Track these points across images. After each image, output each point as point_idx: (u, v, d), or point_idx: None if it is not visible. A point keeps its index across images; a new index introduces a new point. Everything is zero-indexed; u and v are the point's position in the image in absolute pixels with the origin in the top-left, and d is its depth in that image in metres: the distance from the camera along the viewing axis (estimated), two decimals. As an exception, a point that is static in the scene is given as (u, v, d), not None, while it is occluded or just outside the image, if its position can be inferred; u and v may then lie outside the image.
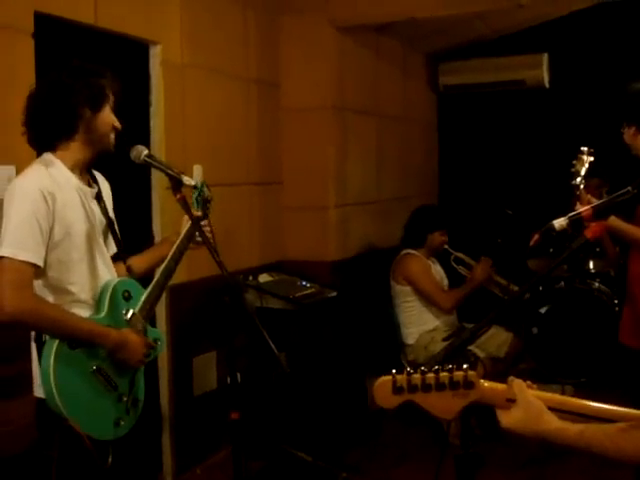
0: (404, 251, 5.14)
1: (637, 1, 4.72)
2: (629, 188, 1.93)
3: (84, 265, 2.54)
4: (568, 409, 1.65)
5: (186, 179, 2.59)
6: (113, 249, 2.78)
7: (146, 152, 2.64)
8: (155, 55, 4.16)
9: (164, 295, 4.12)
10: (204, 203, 2.98)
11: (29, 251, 2.35)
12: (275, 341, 4.69)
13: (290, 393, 4.50)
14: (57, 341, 2.38)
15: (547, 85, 6.40)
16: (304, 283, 4.79)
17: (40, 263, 2.39)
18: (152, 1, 4.10)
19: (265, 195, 5.11)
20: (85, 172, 2.65)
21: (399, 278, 5.08)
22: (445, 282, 5.23)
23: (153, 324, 4.14)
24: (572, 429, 1.59)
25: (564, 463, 4.28)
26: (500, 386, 1.67)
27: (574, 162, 3.26)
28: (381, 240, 5.81)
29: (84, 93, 2.51)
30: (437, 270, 5.20)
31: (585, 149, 3.25)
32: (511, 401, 1.65)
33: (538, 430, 1.61)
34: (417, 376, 1.62)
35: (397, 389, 1.62)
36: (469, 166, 6.92)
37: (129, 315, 2.61)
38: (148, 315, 2.70)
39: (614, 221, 3.22)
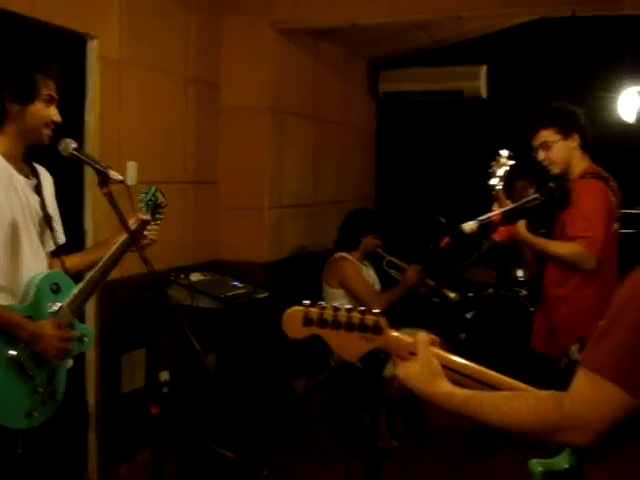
0: (337, 254, 5.18)
1: (573, 18, 4.86)
2: (537, 195, 2.00)
3: (6, 252, 2.53)
4: (466, 373, 1.69)
5: (113, 174, 2.59)
6: (51, 245, 2.77)
7: (74, 145, 2.64)
8: (92, 49, 4.12)
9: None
10: (155, 207, 2.99)
11: None
12: (206, 340, 4.73)
13: (218, 392, 4.52)
14: None
15: (484, 96, 6.53)
16: (236, 283, 4.80)
17: None
18: (91, -5, 4.08)
19: (200, 194, 5.11)
20: (23, 163, 2.65)
21: (331, 281, 5.12)
22: (377, 286, 5.29)
23: (82, 320, 4.14)
24: (460, 395, 1.64)
25: (487, 464, 4.38)
26: (406, 338, 1.70)
27: (492, 164, 3.34)
28: (316, 243, 5.86)
29: (12, 86, 2.51)
30: (369, 274, 5.26)
31: (504, 152, 3.31)
32: (413, 354, 1.69)
33: (428, 391, 1.66)
34: (329, 311, 1.65)
35: (307, 320, 1.64)
36: (406, 172, 7.02)
37: (55, 308, 2.60)
38: (77, 311, 2.70)
39: (523, 232, 3.30)
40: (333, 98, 6.31)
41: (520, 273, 5.68)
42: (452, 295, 5.01)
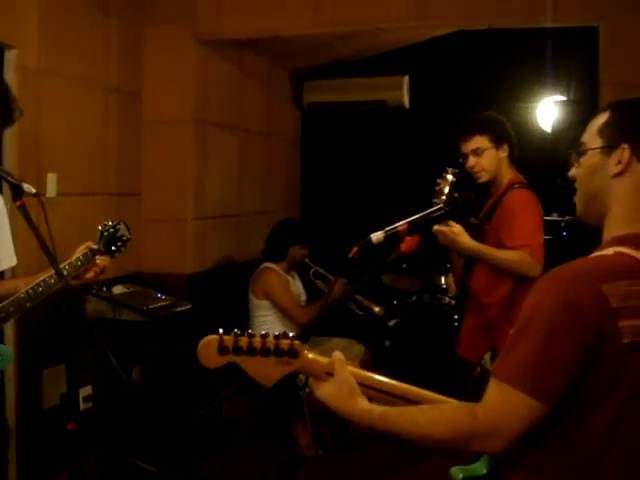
0: (263, 265, 5.19)
1: (495, 30, 4.99)
2: (442, 205, 2.05)
3: None
4: (384, 389, 1.71)
5: (26, 186, 2.54)
6: None
7: None
8: (10, 59, 4.05)
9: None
10: (112, 240, 2.92)
11: None
12: (130, 353, 4.69)
13: (142, 405, 4.48)
14: None
15: (407, 106, 6.62)
16: (159, 295, 4.77)
17: None
18: (9, 3, 4.00)
19: (122, 206, 5.05)
20: None
21: (257, 292, 5.12)
22: (303, 297, 5.32)
23: (0, 336, 4.05)
24: (376, 411, 1.66)
25: (414, 470, 4.43)
26: (322, 360, 1.72)
27: (438, 181, 3.28)
28: (241, 253, 5.85)
29: None
30: (296, 285, 5.29)
31: (450, 169, 3.32)
32: (330, 375, 1.70)
33: (346, 409, 1.68)
34: (244, 338, 1.65)
35: (222, 349, 1.64)
36: (331, 182, 7.07)
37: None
38: None
39: (468, 242, 3.26)
40: (257, 109, 6.32)
41: (443, 280, 5.78)
42: (377, 309, 5.05)
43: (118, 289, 4.67)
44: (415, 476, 4.42)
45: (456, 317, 3.92)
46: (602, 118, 1.73)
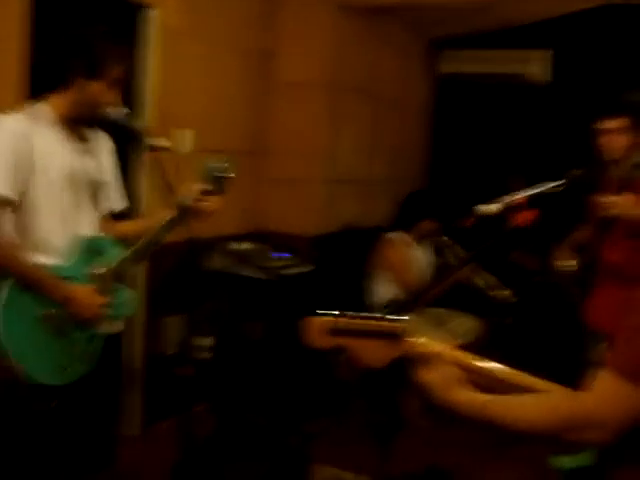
0: (391, 234, 5.14)
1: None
2: (562, 181, 2.01)
3: (56, 213, 2.59)
4: (491, 375, 1.68)
5: (161, 140, 2.64)
6: (104, 208, 2.85)
7: (126, 111, 2.68)
8: (152, 18, 4.21)
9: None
10: (220, 178, 2.95)
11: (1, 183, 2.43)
12: (252, 310, 4.82)
13: (259, 360, 4.60)
14: (10, 283, 2.47)
15: (548, 80, 6.44)
16: (282, 254, 4.87)
17: (12, 196, 2.47)
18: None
19: (253, 165, 5.18)
20: (79, 126, 2.69)
21: (381, 262, 5.10)
22: (430, 269, 5.22)
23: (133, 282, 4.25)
24: (477, 401, 1.64)
25: (514, 450, 4.37)
26: (432, 345, 1.71)
27: None
28: (367, 219, 5.86)
29: (82, 58, 2.56)
30: (423, 257, 5.18)
31: None
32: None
33: (447, 398, 1.66)
34: (357, 321, 1.65)
35: (335, 331, 1.64)
36: (462, 154, 6.97)
37: (96, 271, 2.67)
38: (120, 277, 2.74)
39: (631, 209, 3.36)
40: (391, 76, 6.30)
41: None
42: (505, 293, 4.92)
43: (243, 246, 4.79)
44: (518, 455, 4.36)
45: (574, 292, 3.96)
46: None
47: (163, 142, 2.65)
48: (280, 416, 4.22)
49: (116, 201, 2.91)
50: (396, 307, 4.25)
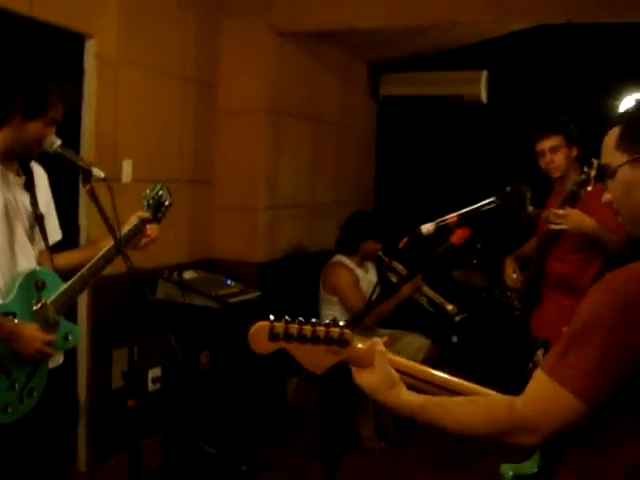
0: (335, 258, 5.16)
1: (574, 25, 4.89)
2: (494, 198, 2.05)
3: None
4: (425, 378, 1.73)
5: (95, 171, 2.62)
6: (41, 242, 2.80)
7: (59, 142, 2.65)
8: (90, 49, 4.19)
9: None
10: (157, 206, 2.98)
11: None
12: (199, 338, 4.79)
13: (208, 389, 4.57)
14: None
15: (485, 101, 6.56)
16: (229, 282, 4.86)
17: None
18: (90, -6, 4.14)
19: (196, 193, 5.17)
20: (15, 160, 2.67)
21: (327, 286, 5.12)
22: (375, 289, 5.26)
23: (74, 315, 4.20)
24: (415, 402, 1.67)
25: (475, 465, 4.40)
26: (368, 350, 1.72)
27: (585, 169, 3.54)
28: (312, 244, 5.89)
29: (23, 97, 2.54)
30: (368, 278, 5.22)
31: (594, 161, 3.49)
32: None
33: (386, 400, 1.70)
34: (295, 325, 1.66)
35: (273, 335, 1.66)
36: (405, 175, 7.04)
37: (37, 305, 2.63)
38: (63, 308, 2.70)
39: (592, 225, 3.53)
40: (332, 100, 6.36)
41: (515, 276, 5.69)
42: (450, 307, 4.96)
43: (189, 274, 4.77)
44: (474, 471, 4.40)
45: (517, 304, 4.11)
46: (614, 133, 1.69)
47: (99, 173, 2.62)
48: (231, 444, 4.18)
49: (53, 234, 2.87)
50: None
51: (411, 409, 1.68)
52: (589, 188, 3.50)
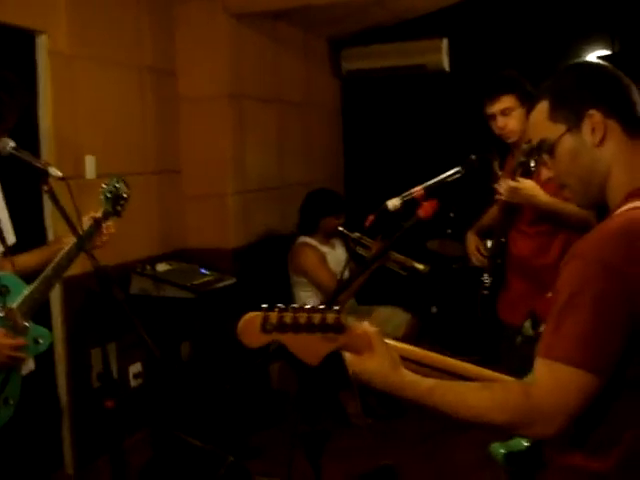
0: (299, 240, 5.14)
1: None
2: (459, 168, 2.01)
3: None
4: (426, 362, 1.63)
5: (52, 170, 2.56)
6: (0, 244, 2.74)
7: (12, 144, 2.57)
8: (41, 45, 4.09)
9: (58, 287, 4.10)
10: (116, 199, 2.91)
11: None
12: (178, 330, 4.74)
13: (191, 380, 4.53)
14: None
15: (447, 69, 6.52)
16: (203, 271, 4.81)
17: None
18: (37, -11, 4.04)
19: (163, 184, 5.10)
20: None
21: (295, 269, 5.09)
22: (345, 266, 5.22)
23: (48, 316, 4.14)
24: (423, 384, 1.57)
25: (461, 437, 4.41)
26: (365, 334, 1.59)
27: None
28: (285, 226, 5.83)
29: None
30: (336, 255, 5.20)
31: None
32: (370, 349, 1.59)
33: (389, 381, 1.57)
34: (289, 314, 1.53)
35: (267, 326, 1.53)
36: (373, 149, 7.00)
37: (4, 311, 2.58)
38: (30, 311, 2.65)
39: (543, 197, 3.21)
40: (295, 80, 6.29)
41: (489, 244, 5.68)
42: (420, 267, 4.92)
43: (162, 266, 4.71)
44: (461, 443, 4.40)
45: (487, 282, 3.81)
46: (544, 106, 1.67)
47: (56, 172, 2.56)
48: (219, 434, 4.15)
49: (9, 236, 2.81)
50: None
51: (418, 392, 1.56)
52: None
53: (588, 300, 1.46)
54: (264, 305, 1.53)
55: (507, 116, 3.48)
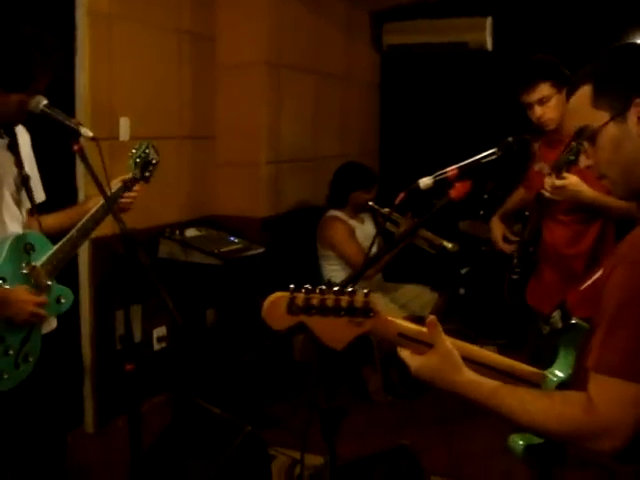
0: (328, 213, 5.13)
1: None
2: (495, 149, 1.95)
3: None
4: (481, 361, 1.61)
5: (83, 130, 2.53)
6: (28, 203, 2.74)
7: (44, 102, 2.54)
8: (81, 4, 4.07)
9: (87, 247, 4.12)
10: (145, 165, 2.90)
11: None
12: (203, 296, 4.74)
13: (215, 347, 4.54)
14: None
15: (490, 48, 6.41)
16: (232, 238, 4.80)
17: None
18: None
19: (197, 149, 5.09)
20: None
21: (323, 242, 5.09)
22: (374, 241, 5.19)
23: (76, 277, 4.17)
24: (487, 385, 1.55)
25: (481, 419, 4.37)
26: (398, 322, 1.58)
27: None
28: (317, 198, 5.79)
29: (5, 69, 2.43)
30: (364, 230, 5.17)
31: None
32: (403, 337, 1.57)
33: (450, 380, 1.55)
34: (317, 295, 1.48)
35: (293, 308, 1.48)
36: (411, 125, 6.92)
37: (27, 269, 2.58)
38: (54, 271, 2.65)
39: (589, 192, 3.11)
40: (335, 51, 6.22)
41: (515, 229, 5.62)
42: (449, 245, 4.86)
43: (191, 232, 4.72)
44: (480, 424, 4.36)
45: (517, 267, 3.74)
46: (586, 91, 1.58)
47: (87, 132, 2.53)
48: (238, 402, 4.16)
49: (39, 194, 2.81)
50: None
51: (483, 392, 1.55)
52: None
53: (638, 312, 1.42)
54: (291, 285, 1.48)
55: (544, 105, 3.37)
